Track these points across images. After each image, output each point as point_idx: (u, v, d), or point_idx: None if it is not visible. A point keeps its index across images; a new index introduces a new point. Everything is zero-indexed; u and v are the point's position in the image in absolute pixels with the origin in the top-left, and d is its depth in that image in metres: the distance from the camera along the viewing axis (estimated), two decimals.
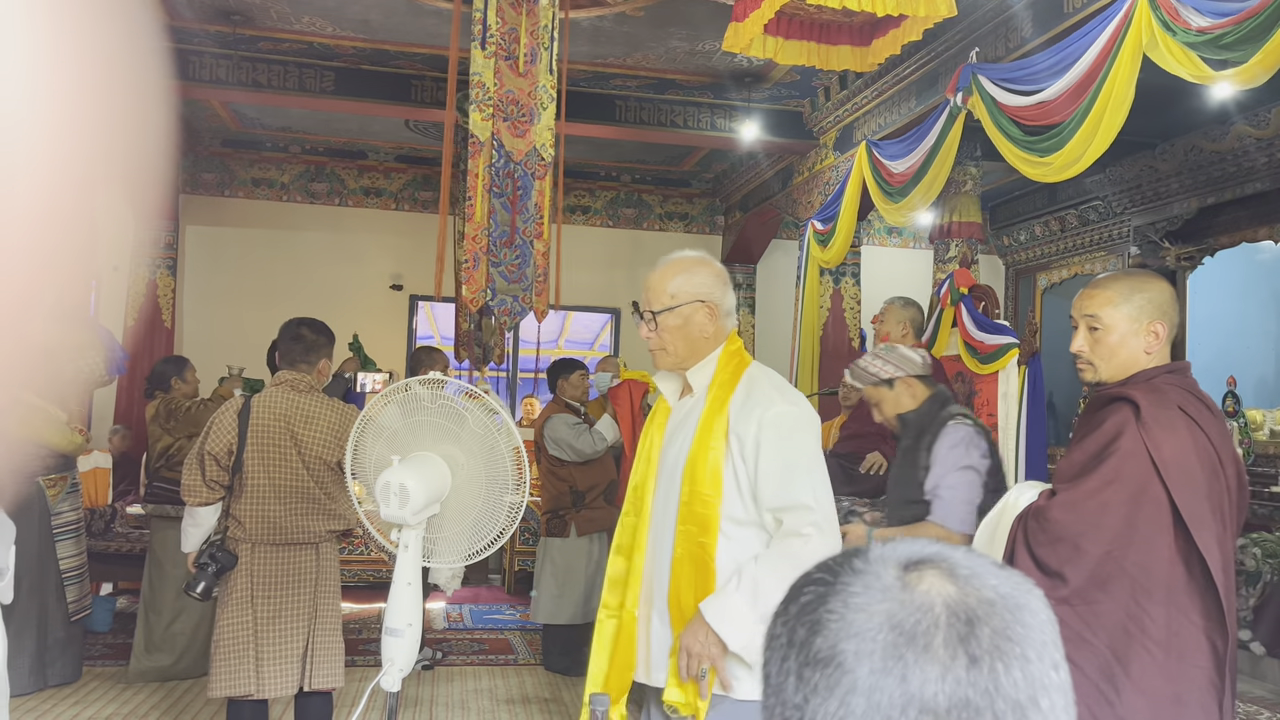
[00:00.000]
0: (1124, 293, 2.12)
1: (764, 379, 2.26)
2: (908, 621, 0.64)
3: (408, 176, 9.54)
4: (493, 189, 3.47)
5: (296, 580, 3.37)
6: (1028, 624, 0.66)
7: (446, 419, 2.63)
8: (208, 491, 3.30)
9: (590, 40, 6.29)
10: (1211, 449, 2.00)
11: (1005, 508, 2.18)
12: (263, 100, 7.04)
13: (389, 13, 5.99)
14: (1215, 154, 6.48)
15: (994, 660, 0.63)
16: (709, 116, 7.44)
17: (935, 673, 0.62)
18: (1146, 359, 2.11)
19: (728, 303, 2.30)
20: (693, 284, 2.25)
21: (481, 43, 3.50)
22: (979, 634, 0.64)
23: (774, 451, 2.14)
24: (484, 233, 3.47)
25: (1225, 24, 3.31)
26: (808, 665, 0.66)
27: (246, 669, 3.28)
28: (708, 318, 2.25)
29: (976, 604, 0.65)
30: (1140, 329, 2.10)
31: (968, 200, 5.66)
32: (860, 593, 0.66)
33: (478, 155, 3.50)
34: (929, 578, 0.67)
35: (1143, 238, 7.31)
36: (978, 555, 0.70)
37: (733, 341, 2.30)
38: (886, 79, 6.14)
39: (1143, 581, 1.95)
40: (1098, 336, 2.14)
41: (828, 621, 0.66)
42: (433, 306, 9.66)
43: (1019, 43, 4.93)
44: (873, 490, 4.32)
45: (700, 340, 2.26)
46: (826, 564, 0.71)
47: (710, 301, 2.26)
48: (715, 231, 10.04)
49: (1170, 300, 2.14)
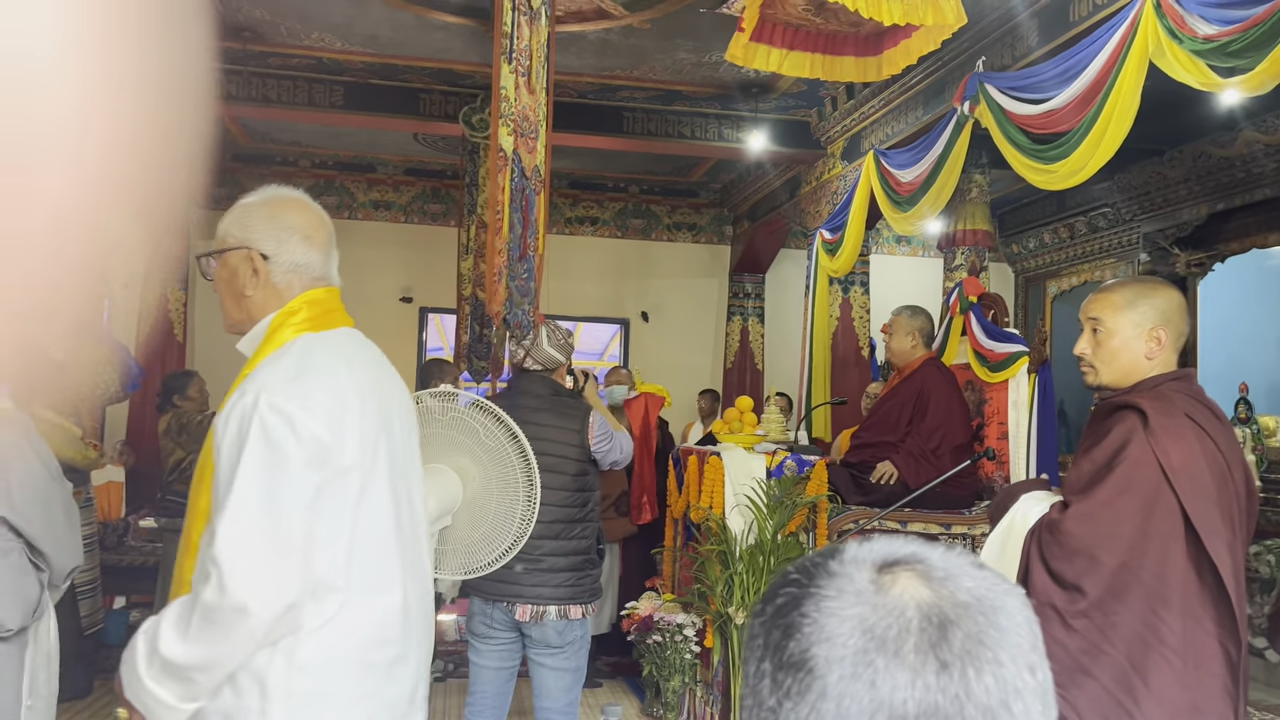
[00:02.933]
0: (1129, 298, 2.13)
1: (294, 356, 1.68)
2: (879, 626, 0.63)
3: (416, 189, 9.58)
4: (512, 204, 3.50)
5: None
6: (1003, 627, 0.65)
7: (457, 431, 2.65)
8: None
9: (597, 53, 6.32)
10: (1220, 455, 1.99)
11: (1014, 522, 2.17)
12: (272, 115, 7.09)
13: (397, 28, 6.03)
14: (1224, 160, 6.47)
15: (965, 665, 0.62)
16: (716, 127, 7.46)
17: (905, 679, 0.62)
18: (1148, 365, 2.11)
19: (290, 255, 1.76)
20: (240, 226, 1.77)
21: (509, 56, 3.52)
22: (951, 638, 0.63)
23: (223, 462, 1.59)
24: (507, 247, 3.50)
25: (1232, 31, 3.31)
26: (781, 669, 0.65)
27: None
28: (251, 271, 1.75)
29: (950, 607, 0.64)
30: (1142, 334, 2.11)
31: (977, 208, 5.66)
32: (833, 596, 0.66)
33: (504, 170, 3.52)
34: (903, 580, 0.66)
35: (1152, 244, 7.29)
36: (956, 555, 0.69)
37: (296, 306, 1.75)
38: (894, 88, 6.15)
39: (1159, 590, 1.94)
40: (1100, 339, 2.15)
41: (800, 625, 0.65)
42: (442, 319, 9.69)
43: (1025, 51, 4.93)
44: (884, 500, 4.32)
45: (245, 300, 1.76)
46: (803, 564, 0.70)
47: (255, 249, 1.75)
48: (723, 241, 10.05)
49: (1177, 308, 2.14)
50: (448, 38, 6.15)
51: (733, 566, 4.30)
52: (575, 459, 3.32)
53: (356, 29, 6.10)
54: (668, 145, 7.55)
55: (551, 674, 3.29)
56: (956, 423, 4.50)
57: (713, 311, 9.95)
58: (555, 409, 3.35)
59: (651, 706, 5.06)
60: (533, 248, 3.54)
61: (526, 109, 3.58)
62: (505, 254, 3.49)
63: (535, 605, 3.22)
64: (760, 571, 4.25)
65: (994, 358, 4.68)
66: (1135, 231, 7.57)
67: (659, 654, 4.70)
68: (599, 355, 9.99)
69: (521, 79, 3.57)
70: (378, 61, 6.62)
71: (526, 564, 3.15)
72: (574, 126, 7.14)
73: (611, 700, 5.34)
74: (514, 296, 3.47)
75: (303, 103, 6.93)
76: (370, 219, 9.49)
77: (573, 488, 3.31)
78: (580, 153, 8.35)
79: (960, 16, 4.05)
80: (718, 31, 5.80)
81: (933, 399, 4.49)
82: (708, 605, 4.49)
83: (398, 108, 7.08)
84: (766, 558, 4.25)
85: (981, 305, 4.94)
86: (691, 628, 4.63)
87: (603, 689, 5.60)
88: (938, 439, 4.43)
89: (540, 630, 3.24)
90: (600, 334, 10.01)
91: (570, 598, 3.26)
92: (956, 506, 4.49)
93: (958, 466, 3.82)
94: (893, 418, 4.59)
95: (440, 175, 9.50)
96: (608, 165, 9.14)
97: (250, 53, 6.44)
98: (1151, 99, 3.82)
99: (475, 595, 3.34)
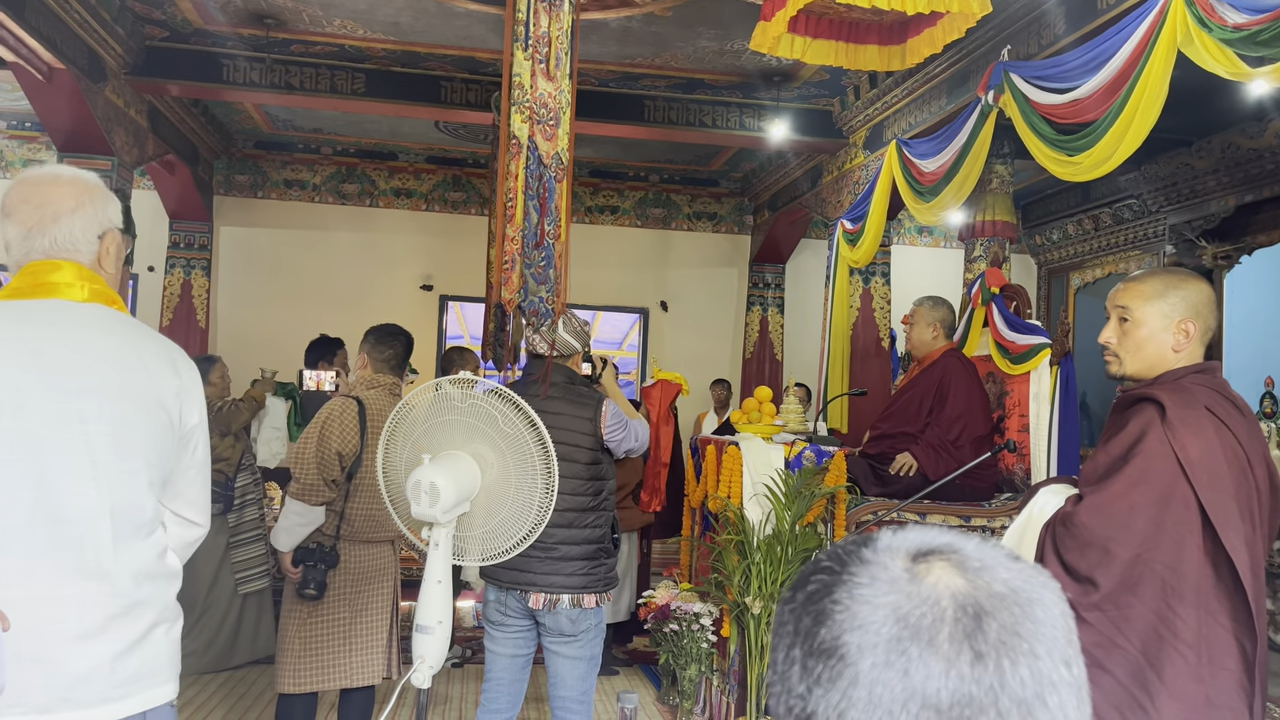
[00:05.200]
0: (1159, 288, 2.10)
1: None
2: (913, 615, 0.63)
3: (438, 177, 9.60)
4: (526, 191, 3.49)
5: (380, 574, 3.56)
6: (1038, 619, 0.64)
7: (476, 418, 2.65)
8: (329, 491, 3.38)
9: (619, 41, 6.30)
10: (1240, 450, 1.97)
11: (1031, 515, 2.16)
12: (295, 102, 7.12)
13: (419, 15, 6.04)
14: (1253, 151, 6.38)
15: (1000, 656, 0.62)
16: (738, 116, 7.43)
17: (939, 668, 0.61)
18: (1174, 357, 2.09)
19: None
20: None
21: (524, 44, 3.51)
22: (986, 629, 0.62)
23: None
24: (520, 234, 3.49)
25: (1262, 20, 3.26)
26: (811, 655, 0.65)
27: (339, 662, 3.43)
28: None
29: (985, 598, 0.64)
30: (1171, 325, 2.08)
31: (999, 199, 5.61)
32: (866, 584, 0.65)
33: (518, 157, 3.51)
34: (937, 569, 0.65)
35: (1179, 236, 7.21)
36: (991, 546, 0.68)
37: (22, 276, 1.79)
38: (917, 77, 6.10)
39: (1173, 583, 1.93)
40: (1127, 329, 2.12)
41: (833, 612, 0.65)
42: (462, 307, 9.72)
43: (1051, 40, 4.88)
44: (903, 491, 4.30)
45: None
46: (835, 552, 0.69)
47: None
48: (744, 231, 10.02)
49: (1206, 301, 2.11)
50: (470, 25, 6.15)
51: (750, 556, 4.30)
52: (588, 447, 3.32)
53: (378, 16, 6.10)
54: (689, 134, 7.53)
55: (566, 662, 3.30)
56: (977, 414, 4.46)
57: (732, 301, 9.93)
58: (569, 397, 3.35)
59: (668, 695, 5.08)
60: (552, 235, 3.53)
61: (545, 96, 3.57)
62: (520, 241, 3.49)
63: (548, 593, 3.23)
64: (778, 562, 4.25)
65: (1016, 349, 4.64)
66: (1161, 223, 7.49)
67: (676, 642, 4.70)
68: (618, 344, 10.00)
69: (539, 66, 3.56)
70: (400, 49, 6.63)
71: (540, 553, 3.16)
72: (595, 115, 7.13)
73: (628, 688, 5.36)
74: (530, 284, 3.47)
75: (325, 90, 6.96)
76: (391, 207, 9.52)
77: (585, 476, 3.31)
78: (601, 141, 8.34)
79: (985, 4, 4.01)
80: (740, 19, 5.77)
81: (953, 390, 4.46)
82: (725, 595, 4.49)
83: (420, 95, 7.10)
84: (784, 548, 4.25)
85: (1004, 296, 4.90)
86: (708, 617, 4.64)
87: (619, 677, 5.62)
88: (958, 430, 4.40)
89: (554, 618, 3.25)
90: (620, 323, 10.01)
91: (583, 586, 3.27)
92: (976, 499, 4.46)
93: (978, 459, 3.80)
94: (912, 408, 4.57)
95: (462, 163, 9.52)
96: (628, 154, 9.12)
97: (273, 40, 6.46)
98: (1179, 89, 3.77)
99: (490, 582, 3.35)
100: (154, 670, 1.78)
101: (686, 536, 5.36)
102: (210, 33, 6.46)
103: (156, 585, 1.81)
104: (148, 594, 1.78)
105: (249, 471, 5.61)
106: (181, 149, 7.96)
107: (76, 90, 5.90)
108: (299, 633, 3.45)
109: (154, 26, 6.46)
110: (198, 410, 1.90)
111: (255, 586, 5.53)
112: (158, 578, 1.82)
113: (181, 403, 1.85)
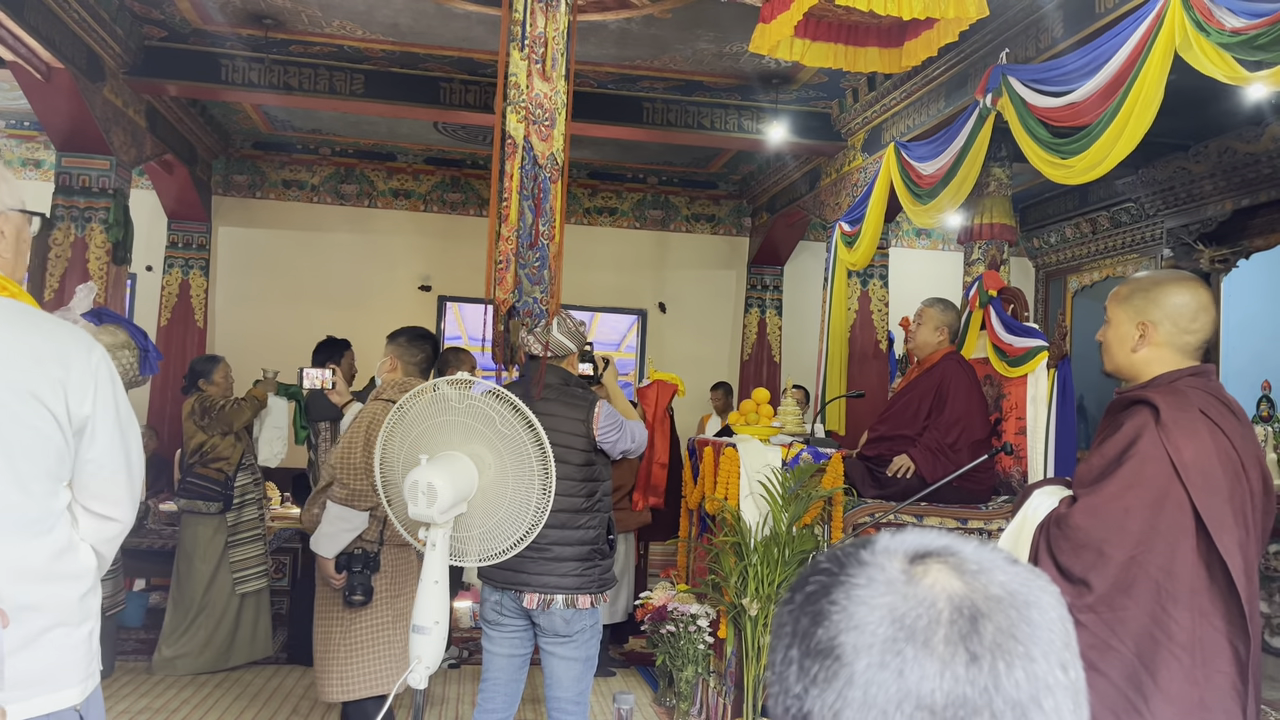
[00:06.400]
0: (1129, 290, 2.17)
1: None
2: (909, 616, 0.63)
3: (436, 178, 9.61)
4: (521, 191, 3.49)
5: (415, 575, 3.52)
6: (1035, 622, 0.64)
7: (473, 419, 2.66)
8: (377, 496, 3.38)
9: (617, 43, 6.30)
10: (1234, 453, 1.98)
11: (1026, 517, 2.17)
12: (293, 103, 7.12)
13: (418, 16, 6.04)
14: (1250, 155, 6.40)
15: (995, 659, 0.62)
16: (736, 118, 7.44)
17: (933, 669, 0.61)
18: (1135, 358, 2.13)
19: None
20: None
21: (521, 44, 3.51)
22: (981, 631, 0.63)
23: None
24: (515, 234, 3.49)
25: (1260, 24, 3.26)
26: (808, 656, 0.65)
27: (391, 666, 3.40)
28: None
29: (981, 600, 0.64)
30: (1131, 325, 2.13)
31: (997, 202, 5.62)
32: (863, 585, 0.65)
33: (513, 157, 3.51)
34: (935, 572, 0.66)
35: (1176, 240, 7.23)
36: (989, 549, 0.68)
37: None
38: (915, 80, 6.11)
39: (1167, 586, 1.93)
40: (1105, 328, 2.21)
41: (830, 613, 0.65)
42: (461, 308, 9.72)
43: (1050, 43, 4.89)
44: (900, 493, 4.30)
45: None
46: (834, 553, 0.70)
47: None
48: (742, 233, 10.03)
49: (1182, 306, 2.09)
50: (469, 26, 6.15)
51: (747, 558, 4.30)
52: (581, 449, 3.32)
53: (377, 17, 6.11)
54: (687, 136, 7.54)
55: (561, 663, 3.30)
56: (975, 417, 4.47)
57: (730, 303, 9.94)
58: (563, 398, 3.35)
59: (664, 696, 5.08)
60: (546, 235, 3.53)
61: (541, 96, 3.57)
62: (514, 241, 3.49)
63: (542, 594, 3.23)
64: (774, 563, 4.25)
65: (1013, 352, 4.65)
66: (1159, 227, 7.50)
67: (672, 644, 4.71)
68: (616, 346, 10.00)
69: (535, 66, 3.56)
70: (398, 50, 6.63)
71: (534, 554, 3.16)
72: (594, 116, 7.13)
73: (625, 689, 5.36)
74: (524, 284, 3.47)
75: (323, 91, 6.96)
76: (390, 207, 9.52)
77: (579, 477, 3.31)
78: (599, 143, 8.35)
79: (982, 8, 4.02)
80: (739, 22, 5.78)
81: (952, 393, 4.46)
82: (721, 596, 4.50)
83: (418, 96, 7.10)
84: (781, 550, 4.25)
85: (1001, 299, 4.91)
86: (705, 618, 4.64)
87: (616, 678, 5.62)
88: (956, 433, 4.41)
89: (548, 619, 3.25)
90: (617, 325, 10.01)
91: (578, 587, 3.27)
92: (973, 501, 4.47)
93: (974, 461, 3.80)
94: (911, 410, 4.57)
95: (460, 164, 9.52)
96: (626, 156, 9.13)
97: (271, 40, 6.47)
98: (1177, 93, 3.77)
99: (487, 582, 3.36)
100: (51, 675, 1.72)
101: (684, 538, 5.37)
102: (209, 33, 6.46)
103: (50, 587, 1.74)
104: (36, 596, 1.71)
105: (249, 471, 5.61)
106: (180, 149, 7.96)
107: (75, 90, 5.90)
108: (344, 639, 3.42)
109: (152, 26, 6.46)
110: (91, 400, 1.78)
111: (253, 586, 5.53)
112: (51, 579, 1.74)
113: (67, 394, 1.75)
